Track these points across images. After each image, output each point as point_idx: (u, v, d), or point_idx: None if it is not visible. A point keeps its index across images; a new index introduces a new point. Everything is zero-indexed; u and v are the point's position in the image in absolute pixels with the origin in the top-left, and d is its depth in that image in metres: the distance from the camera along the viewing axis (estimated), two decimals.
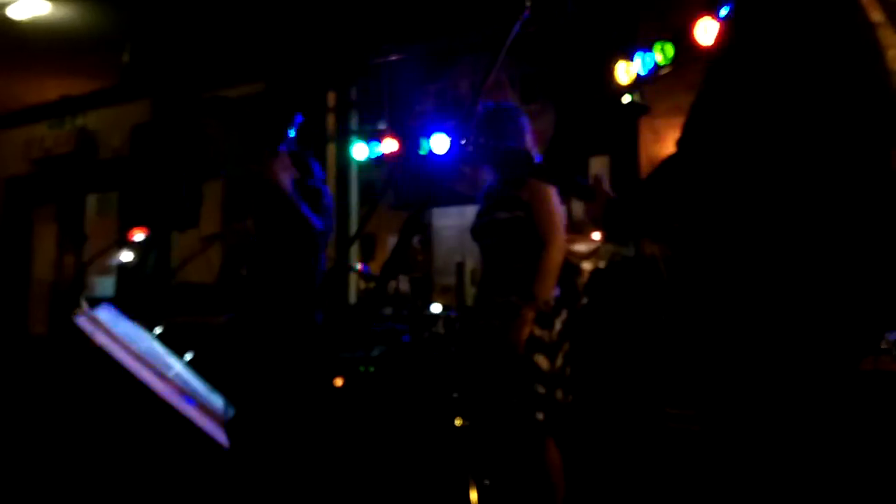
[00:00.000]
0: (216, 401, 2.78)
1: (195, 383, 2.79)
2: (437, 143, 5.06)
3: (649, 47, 4.16)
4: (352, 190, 5.91)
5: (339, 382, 3.61)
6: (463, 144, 2.31)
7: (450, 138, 4.78)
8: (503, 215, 2.85)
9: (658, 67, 4.17)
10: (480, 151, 2.33)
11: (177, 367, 2.77)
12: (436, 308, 3.63)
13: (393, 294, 4.22)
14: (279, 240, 3.18)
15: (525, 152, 1.93)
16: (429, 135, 5.18)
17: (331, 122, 5.94)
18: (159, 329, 3.49)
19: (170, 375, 2.54)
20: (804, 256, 1.31)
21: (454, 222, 5.42)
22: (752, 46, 1.33)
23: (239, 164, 5.34)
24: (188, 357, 3.25)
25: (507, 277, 2.82)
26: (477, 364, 2.89)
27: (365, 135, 5.58)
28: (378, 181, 5.80)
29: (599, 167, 4.71)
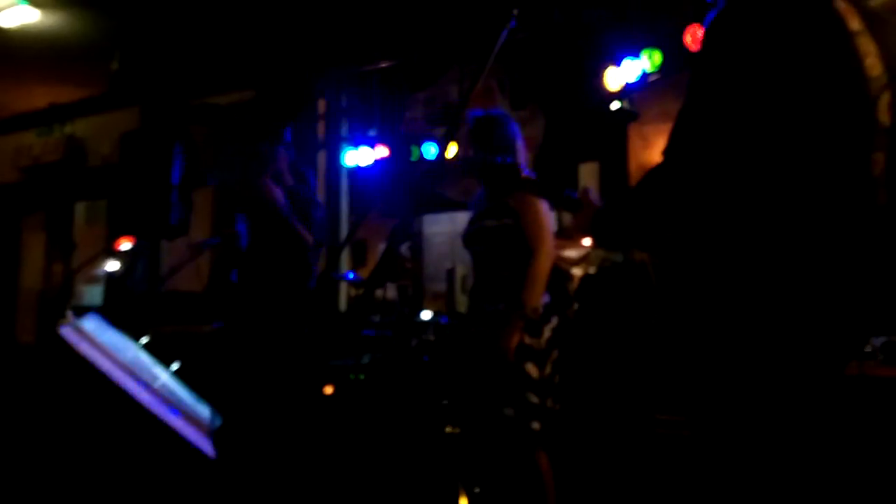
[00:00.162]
0: (202, 410, 2.76)
1: (181, 393, 2.77)
2: (427, 151, 5.07)
3: (638, 54, 4.19)
4: (342, 197, 5.91)
5: (330, 390, 3.60)
6: (451, 159, 2.32)
7: (439, 147, 4.79)
8: (491, 223, 2.84)
9: (647, 74, 4.19)
10: (468, 164, 2.33)
11: (163, 378, 2.74)
12: (426, 315, 3.61)
13: (380, 301, 4.21)
14: (270, 254, 3.17)
15: (512, 166, 1.93)
16: (419, 142, 5.19)
17: (321, 130, 5.95)
18: (146, 338, 3.47)
19: (155, 386, 2.52)
20: (789, 263, 1.32)
21: (445, 229, 5.42)
22: (733, 56, 1.34)
23: (229, 173, 5.33)
24: (175, 367, 3.23)
25: (496, 285, 2.82)
26: (467, 372, 2.88)
27: (355, 142, 5.58)
28: (368, 188, 5.80)
29: (589, 173, 4.73)
